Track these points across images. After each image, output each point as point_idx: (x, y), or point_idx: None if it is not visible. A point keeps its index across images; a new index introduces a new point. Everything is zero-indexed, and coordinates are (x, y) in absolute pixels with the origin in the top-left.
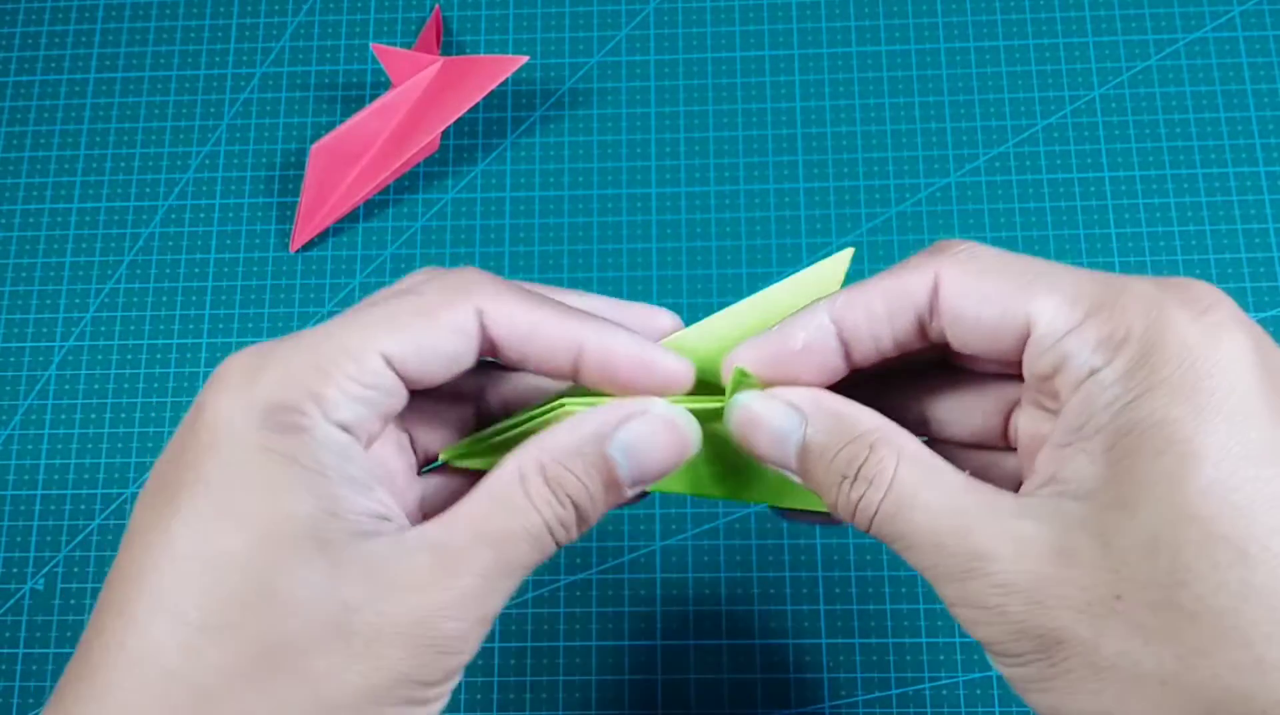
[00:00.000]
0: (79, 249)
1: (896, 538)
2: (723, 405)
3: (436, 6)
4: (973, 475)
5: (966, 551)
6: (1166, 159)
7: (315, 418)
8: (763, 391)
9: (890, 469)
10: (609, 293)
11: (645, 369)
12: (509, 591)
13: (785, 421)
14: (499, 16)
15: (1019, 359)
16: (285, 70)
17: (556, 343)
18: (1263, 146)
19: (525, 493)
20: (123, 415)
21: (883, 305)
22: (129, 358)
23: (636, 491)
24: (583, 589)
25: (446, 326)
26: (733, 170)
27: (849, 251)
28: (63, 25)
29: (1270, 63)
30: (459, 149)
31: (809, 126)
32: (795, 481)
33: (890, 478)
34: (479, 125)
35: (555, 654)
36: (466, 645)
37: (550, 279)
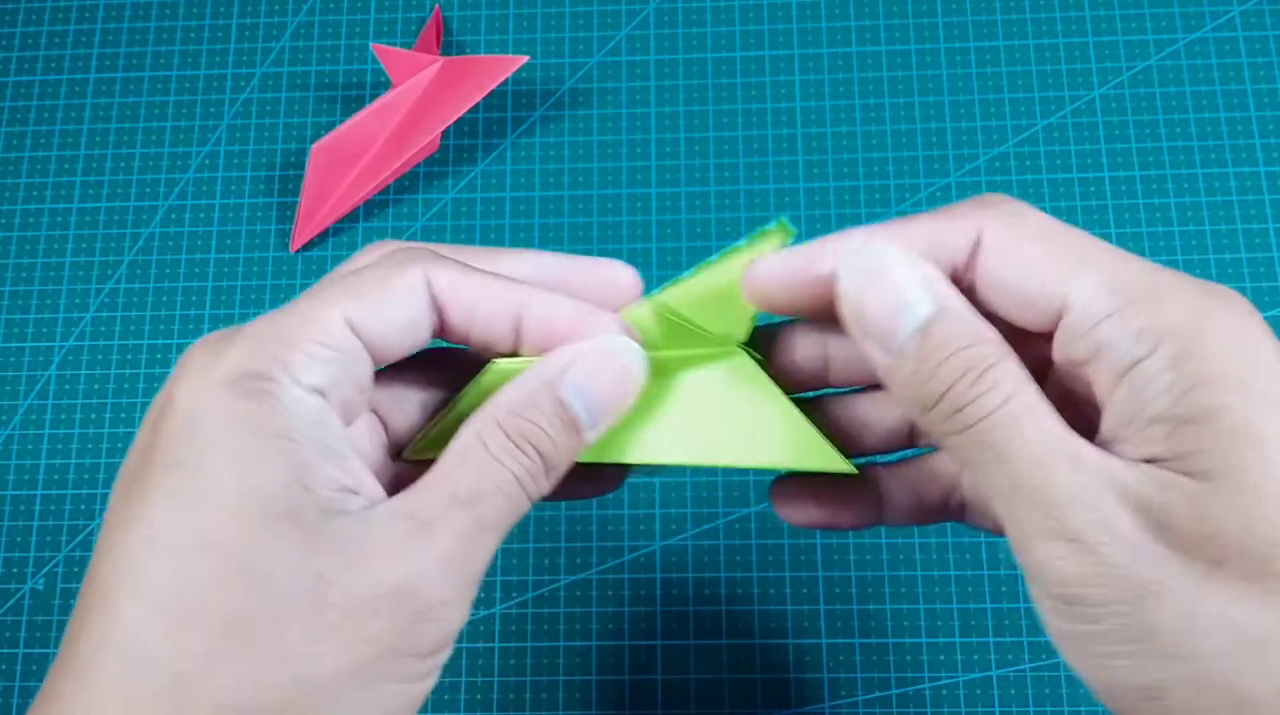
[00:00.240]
0: (79, 249)
1: (997, 446)
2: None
3: (436, 6)
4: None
5: (1074, 482)
6: (1166, 159)
7: (284, 382)
8: (906, 252)
9: (1014, 380)
10: None
11: (588, 335)
12: (489, 551)
13: (916, 293)
14: (499, 16)
15: (1048, 333)
16: (285, 70)
17: (497, 311)
18: (1263, 146)
19: (488, 450)
20: (123, 415)
21: (923, 249)
22: (129, 358)
23: (598, 433)
24: (583, 589)
25: (400, 291)
26: (733, 170)
27: (788, 232)
28: (63, 25)
29: (1270, 63)
30: (459, 149)
31: (809, 126)
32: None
33: (1012, 389)
34: (479, 125)
35: (555, 654)
36: (451, 611)
37: None
